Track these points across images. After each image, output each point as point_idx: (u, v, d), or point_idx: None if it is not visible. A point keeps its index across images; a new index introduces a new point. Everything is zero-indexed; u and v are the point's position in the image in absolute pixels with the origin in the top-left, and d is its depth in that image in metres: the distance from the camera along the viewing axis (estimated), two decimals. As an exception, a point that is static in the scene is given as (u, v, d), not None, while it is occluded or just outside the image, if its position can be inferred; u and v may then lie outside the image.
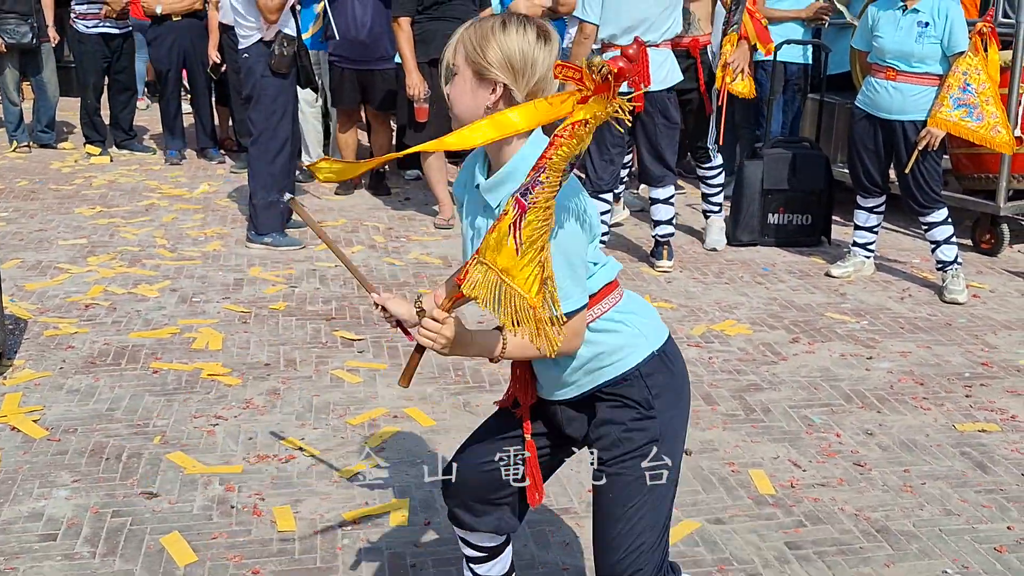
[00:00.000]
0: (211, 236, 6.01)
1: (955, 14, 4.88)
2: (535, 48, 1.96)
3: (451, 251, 5.77)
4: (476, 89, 1.99)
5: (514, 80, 1.96)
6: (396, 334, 4.52)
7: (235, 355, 4.30)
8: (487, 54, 1.96)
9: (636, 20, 5.07)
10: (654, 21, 5.09)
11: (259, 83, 5.53)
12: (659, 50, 5.16)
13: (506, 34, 1.97)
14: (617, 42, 5.12)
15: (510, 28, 1.98)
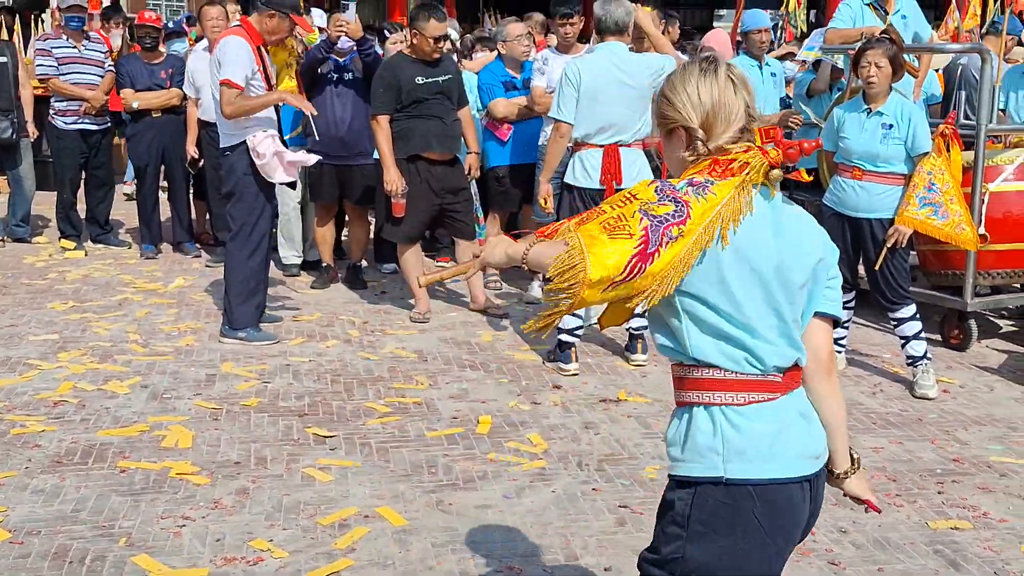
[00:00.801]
0: (184, 331, 5.99)
1: (918, 117, 5.02)
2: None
3: (427, 345, 5.77)
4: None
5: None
6: (369, 430, 4.49)
7: (205, 453, 4.25)
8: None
9: (609, 121, 5.17)
10: (626, 122, 5.20)
11: (241, 181, 5.59)
12: (631, 149, 5.26)
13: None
14: (591, 141, 5.21)
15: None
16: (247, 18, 5.71)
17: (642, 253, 1.87)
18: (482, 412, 4.73)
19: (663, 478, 3.99)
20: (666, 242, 1.89)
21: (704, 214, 1.93)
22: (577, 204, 5.28)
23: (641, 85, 5.21)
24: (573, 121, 5.18)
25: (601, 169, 5.21)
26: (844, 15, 6.50)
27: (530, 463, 4.17)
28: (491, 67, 6.90)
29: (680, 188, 1.97)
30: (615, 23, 5.20)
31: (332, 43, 6.48)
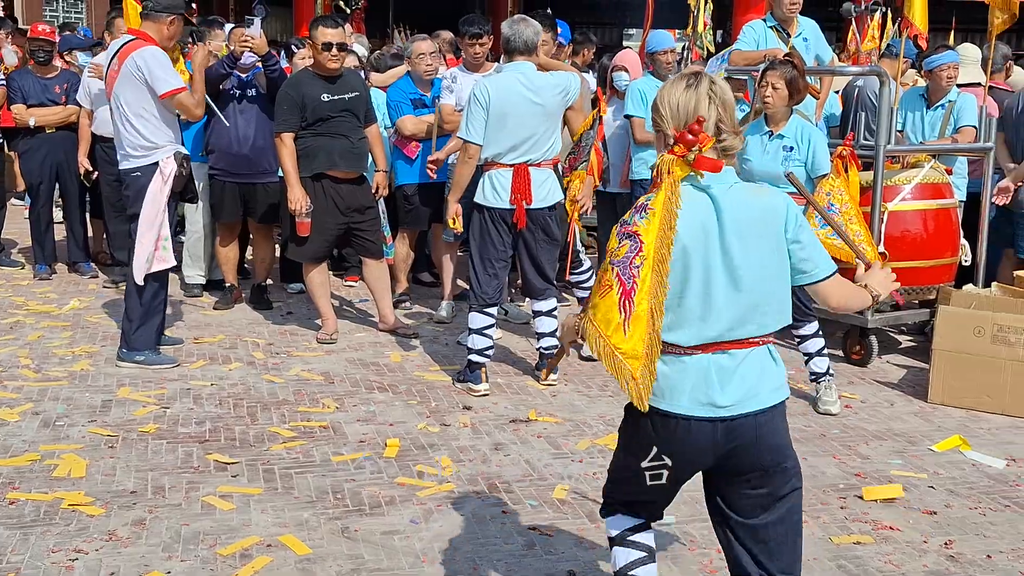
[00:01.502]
0: (79, 355, 5.78)
1: (817, 139, 5.12)
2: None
3: (334, 367, 5.67)
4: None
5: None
6: (272, 456, 4.38)
7: (99, 482, 4.09)
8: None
9: (518, 140, 5.16)
10: (535, 141, 5.20)
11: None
12: (540, 169, 5.26)
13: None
14: (500, 160, 5.20)
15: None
16: (139, 29, 5.56)
17: (625, 294, 2.42)
18: (390, 435, 4.66)
19: (572, 499, 3.99)
20: (635, 272, 2.41)
21: (652, 231, 2.41)
22: (487, 224, 5.25)
23: (550, 104, 5.22)
24: (482, 141, 5.16)
25: (511, 188, 5.19)
26: (747, 37, 6.62)
27: (439, 487, 4.11)
28: (400, 84, 6.84)
29: (629, 221, 2.46)
30: (524, 43, 5.20)
31: (236, 58, 6.36)
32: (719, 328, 2.48)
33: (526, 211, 5.22)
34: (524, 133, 5.17)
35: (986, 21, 6.44)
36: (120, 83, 5.42)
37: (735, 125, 2.53)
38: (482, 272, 5.28)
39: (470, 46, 6.20)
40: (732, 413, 2.50)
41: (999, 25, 6.29)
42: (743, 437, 2.53)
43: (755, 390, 2.52)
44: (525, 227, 5.25)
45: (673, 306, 2.46)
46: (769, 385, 2.55)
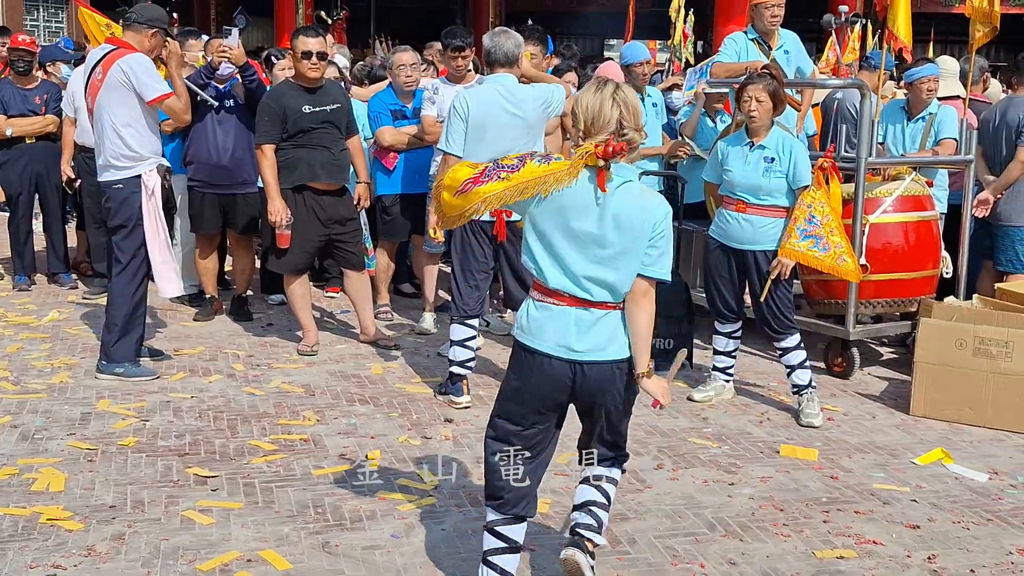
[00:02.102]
0: (59, 367, 5.73)
1: (798, 150, 5.13)
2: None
3: (315, 379, 5.64)
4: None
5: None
6: (253, 469, 4.35)
7: (78, 497, 4.05)
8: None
9: (498, 152, 5.12)
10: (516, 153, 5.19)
11: (136, 213, 5.42)
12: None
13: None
14: None
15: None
16: (120, 38, 5.54)
17: (475, 180, 3.08)
18: (371, 448, 4.63)
19: (554, 513, 3.98)
20: (492, 179, 3.05)
21: (534, 172, 3.02)
22: (468, 236, 5.24)
23: (530, 116, 5.21)
24: (462, 153, 5.14)
25: None
26: (729, 50, 6.64)
27: (420, 500, 4.09)
28: (381, 95, 6.83)
29: (532, 155, 3.10)
30: (505, 55, 5.19)
31: (214, 69, 6.32)
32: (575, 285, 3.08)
33: (507, 223, 5.21)
34: (504, 145, 5.14)
35: (964, 33, 6.49)
36: (105, 92, 5.38)
37: (637, 123, 3.06)
38: (463, 284, 5.27)
39: (452, 58, 6.19)
40: (584, 358, 3.09)
41: (980, 38, 6.34)
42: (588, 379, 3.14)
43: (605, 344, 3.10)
44: (506, 239, 5.24)
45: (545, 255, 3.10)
46: (618, 343, 3.11)
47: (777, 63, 6.35)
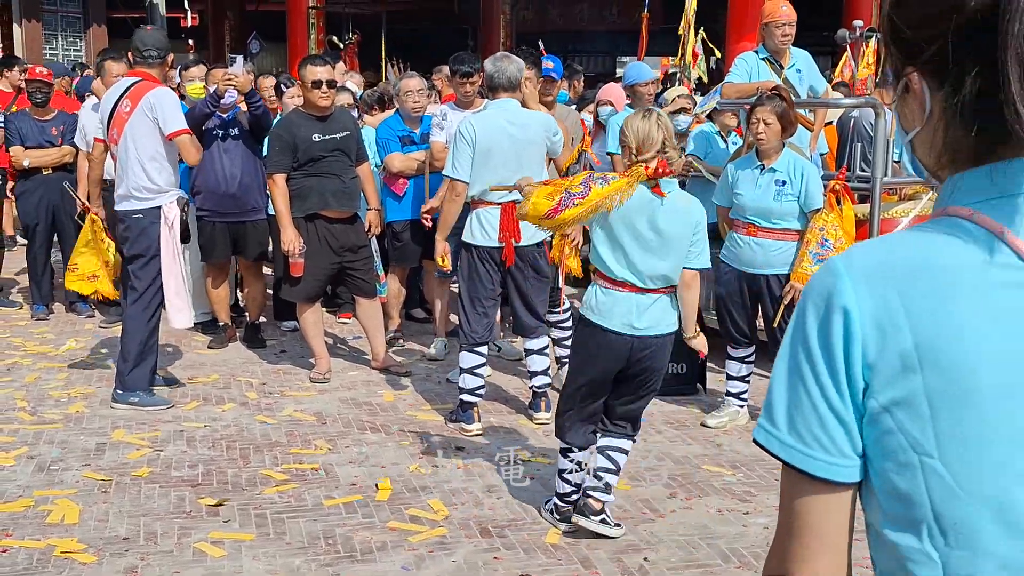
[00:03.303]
0: (75, 397, 5.77)
1: (810, 173, 5.12)
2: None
3: (326, 407, 5.65)
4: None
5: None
6: (264, 500, 4.36)
7: (92, 529, 4.07)
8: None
9: (503, 178, 5.13)
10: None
11: (154, 243, 5.49)
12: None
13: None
14: (488, 199, 5.19)
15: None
16: (143, 70, 5.60)
17: (555, 210, 3.79)
18: (382, 477, 4.64)
19: (565, 544, 3.97)
20: (569, 207, 3.76)
21: (602, 193, 3.74)
22: (475, 262, 5.23)
23: (537, 140, 5.22)
24: (468, 179, 5.15)
25: (499, 227, 5.18)
26: (740, 69, 6.63)
27: (431, 531, 4.09)
28: (389, 122, 6.86)
29: (594, 179, 3.82)
30: (508, 80, 5.21)
31: (219, 97, 6.36)
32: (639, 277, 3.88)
33: (515, 249, 5.22)
34: (511, 170, 5.14)
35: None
36: (133, 124, 5.46)
37: (675, 144, 3.86)
38: (471, 311, 5.26)
39: (460, 84, 6.22)
40: (643, 333, 3.89)
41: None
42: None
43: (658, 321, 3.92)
44: (514, 265, 5.25)
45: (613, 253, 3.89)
46: (667, 320, 3.95)
47: (789, 83, 6.35)
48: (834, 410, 1.10)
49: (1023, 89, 1.02)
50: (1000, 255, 1.05)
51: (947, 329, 1.04)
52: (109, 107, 5.58)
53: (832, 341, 1.09)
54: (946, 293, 1.05)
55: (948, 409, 1.04)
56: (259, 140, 6.71)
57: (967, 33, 1.05)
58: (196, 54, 16.86)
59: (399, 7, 20.86)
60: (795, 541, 1.16)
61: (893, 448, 1.07)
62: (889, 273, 1.08)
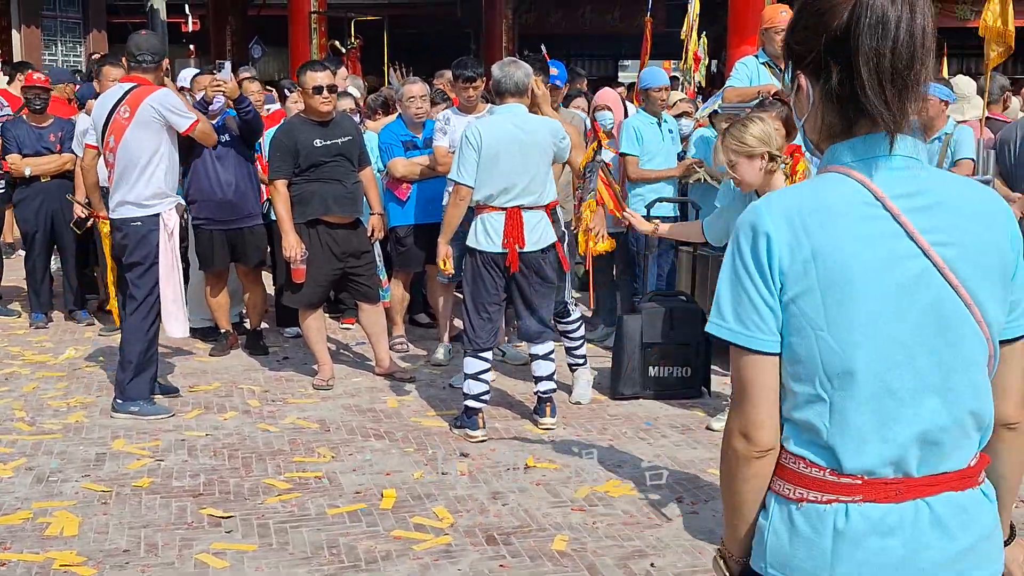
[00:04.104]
0: (74, 406, 5.72)
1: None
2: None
3: (330, 414, 5.61)
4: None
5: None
6: (267, 509, 4.31)
7: (92, 541, 4.02)
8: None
9: (511, 182, 5.13)
10: (528, 183, 5.16)
11: (153, 251, 5.46)
12: (533, 212, 5.22)
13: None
14: (493, 204, 5.16)
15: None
16: (139, 75, 5.55)
17: None
18: (386, 485, 4.59)
19: (571, 550, 3.92)
20: None
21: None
22: (479, 268, 5.20)
23: (544, 145, 5.19)
24: (473, 183, 5.12)
25: (504, 232, 5.14)
26: (740, 74, 6.60)
27: (436, 539, 4.04)
28: (391, 127, 6.82)
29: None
30: (515, 85, 5.18)
31: (208, 103, 6.31)
32: None
33: (519, 255, 5.18)
34: (516, 176, 5.13)
35: (979, 46, 6.42)
36: (134, 130, 5.41)
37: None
38: (475, 317, 5.23)
39: (463, 89, 6.18)
40: None
41: (995, 58, 6.27)
42: None
43: None
44: (519, 271, 5.21)
45: None
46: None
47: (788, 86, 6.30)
48: (766, 303, 1.61)
49: (872, 82, 1.55)
50: (863, 195, 1.59)
51: (831, 243, 1.57)
52: (104, 113, 5.51)
53: (760, 256, 1.60)
54: (830, 220, 1.57)
55: (832, 295, 1.56)
56: (250, 145, 6.67)
57: (831, 45, 1.58)
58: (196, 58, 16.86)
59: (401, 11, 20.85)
60: (746, 402, 1.64)
61: (797, 326, 1.59)
62: (794, 210, 1.59)
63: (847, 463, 1.58)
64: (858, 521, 1.58)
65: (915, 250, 1.57)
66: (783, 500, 1.64)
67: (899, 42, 1.54)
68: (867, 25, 1.54)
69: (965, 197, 1.63)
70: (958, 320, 1.58)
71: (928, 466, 1.59)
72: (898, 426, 1.57)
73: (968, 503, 1.62)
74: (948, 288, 1.57)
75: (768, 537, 1.65)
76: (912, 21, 1.55)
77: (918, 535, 1.58)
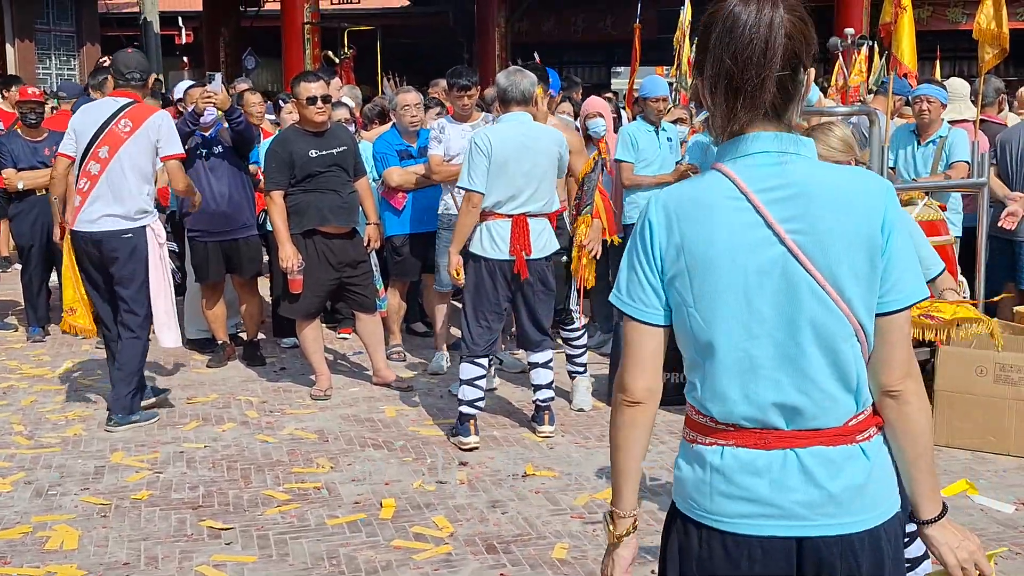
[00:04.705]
0: (72, 419, 5.71)
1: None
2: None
3: (328, 424, 5.60)
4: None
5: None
6: (267, 521, 4.31)
7: (92, 555, 4.01)
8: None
9: (518, 190, 5.14)
10: (534, 191, 5.17)
11: (146, 264, 5.48)
12: (538, 219, 5.23)
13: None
14: (499, 211, 5.15)
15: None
16: (129, 91, 5.58)
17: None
18: (385, 495, 4.58)
19: (571, 558, 3.91)
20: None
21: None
22: (483, 275, 5.19)
23: (551, 154, 5.21)
24: (484, 190, 5.12)
25: (510, 239, 5.15)
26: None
27: (436, 549, 4.04)
28: (386, 136, 6.82)
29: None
30: (522, 93, 5.20)
31: (199, 115, 6.31)
32: None
33: (526, 262, 5.18)
34: (523, 183, 5.15)
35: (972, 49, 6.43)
36: (134, 144, 5.44)
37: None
38: (474, 323, 5.22)
39: (458, 97, 6.19)
40: None
41: (989, 61, 6.28)
42: None
43: None
44: (525, 279, 5.21)
45: None
46: None
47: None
48: (649, 281, 1.87)
49: (716, 82, 1.77)
50: (729, 189, 1.80)
51: (698, 231, 1.80)
52: (94, 123, 5.48)
53: (646, 240, 1.86)
54: (700, 211, 1.80)
55: (699, 278, 1.80)
56: (243, 156, 6.67)
57: (703, 63, 1.81)
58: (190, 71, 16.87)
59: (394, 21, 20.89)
60: (626, 359, 1.93)
61: (676, 303, 1.85)
62: (674, 202, 1.84)
63: (718, 416, 1.85)
64: (730, 460, 1.84)
65: (772, 237, 1.76)
66: (683, 442, 1.94)
67: (748, 47, 1.73)
68: (719, 32, 1.76)
69: (828, 186, 1.78)
70: (814, 300, 1.76)
71: (796, 423, 1.81)
72: (759, 390, 1.80)
73: (837, 457, 1.82)
74: (803, 271, 1.76)
75: (676, 472, 1.95)
76: (757, 31, 1.73)
77: (784, 478, 1.81)
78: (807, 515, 1.80)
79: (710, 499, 1.85)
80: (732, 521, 1.84)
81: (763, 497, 1.81)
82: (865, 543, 1.82)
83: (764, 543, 1.82)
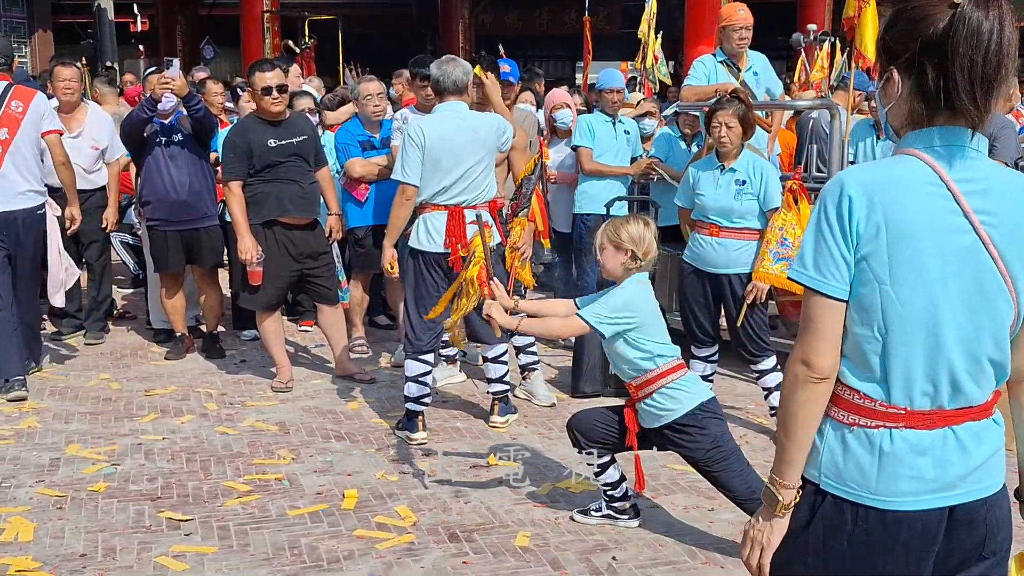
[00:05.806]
0: (27, 412, 5.63)
1: (769, 172, 5.13)
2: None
3: (289, 416, 5.56)
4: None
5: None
6: (227, 512, 4.27)
7: (48, 546, 3.96)
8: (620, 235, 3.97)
9: (452, 180, 5.04)
10: (471, 182, 5.09)
11: (44, 232, 6.02)
12: (475, 211, 5.18)
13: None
14: (435, 202, 5.08)
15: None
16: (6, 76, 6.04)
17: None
18: (348, 485, 4.57)
19: (534, 546, 3.92)
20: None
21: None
22: (422, 269, 5.11)
23: (488, 143, 5.12)
24: (418, 182, 5.05)
25: (446, 232, 5.06)
26: (698, 72, 6.64)
27: (398, 538, 4.03)
28: (348, 126, 6.77)
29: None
30: (454, 83, 5.12)
31: (156, 101, 6.23)
32: None
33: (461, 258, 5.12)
34: (459, 173, 5.04)
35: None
36: (30, 123, 5.88)
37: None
38: (417, 319, 5.13)
39: (422, 87, 6.15)
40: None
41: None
42: None
43: None
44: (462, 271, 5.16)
45: None
46: None
47: (747, 85, 6.36)
48: (843, 255, 1.92)
49: (965, 84, 1.86)
50: (929, 176, 1.90)
51: (899, 211, 1.88)
52: None
53: (843, 215, 1.90)
54: (901, 193, 1.89)
55: (899, 256, 1.89)
56: (204, 144, 6.59)
57: (926, 48, 1.89)
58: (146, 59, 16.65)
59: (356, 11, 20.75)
60: (811, 335, 1.96)
61: (865, 279, 1.91)
62: (871, 181, 1.91)
63: (895, 396, 1.94)
64: (900, 443, 1.94)
65: (967, 226, 1.89)
66: (838, 424, 1.98)
67: (990, 52, 1.85)
68: (964, 36, 1.84)
69: (1012, 185, 1.94)
70: (994, 287, 1.92)
71: (957, 402, 1.95)
72: (939, 367, 1.92)
73: (982, 430, 1.99)
74: (990, 260, 1.91)
75: (824, 453, 2.00)
76: (1001, 34, 1.86)
77: (945, 455, 1.95)
78: (961, 485, 1.96)
79: (876, 480, 1.95)
80: (897, 500, 1.95)
81: (928, 475, 1.94)
82: (997, 499, 2.02)
83: (923, 516, 1.95)
